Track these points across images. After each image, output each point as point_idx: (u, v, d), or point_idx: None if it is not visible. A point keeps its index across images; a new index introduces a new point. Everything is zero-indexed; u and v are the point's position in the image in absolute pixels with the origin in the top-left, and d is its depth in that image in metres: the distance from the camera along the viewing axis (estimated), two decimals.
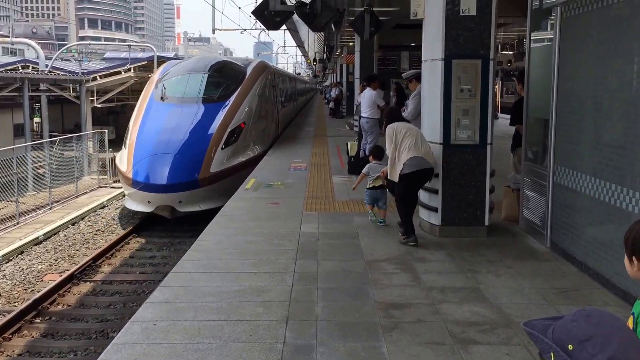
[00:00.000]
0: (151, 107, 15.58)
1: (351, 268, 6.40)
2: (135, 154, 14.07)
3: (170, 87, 16.05)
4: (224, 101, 15.47)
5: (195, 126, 14.51)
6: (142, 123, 14.99)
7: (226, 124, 14.75)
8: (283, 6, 8.19)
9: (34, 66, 33.74)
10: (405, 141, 7.09)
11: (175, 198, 13.61)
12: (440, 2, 7.09)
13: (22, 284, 11.48)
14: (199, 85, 16.06)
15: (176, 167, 13.54)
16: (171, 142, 13.91)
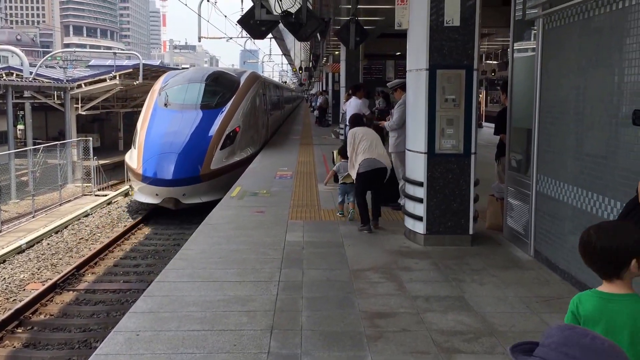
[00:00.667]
0: (156, 113, 17.27)
1: (336, 277, 6.40)
2: (144, 153, 15.85)
3: (172, 95, 17.76)
4: (221, 107, 17.26)
5: (196, 129, 16.25)
6: (149, 126, 16.75)
7: (224, 127, 16.61)
8: (268, 16, 8.21)
9: (18, 73, 33.52)
10: (361, 144, 8.26)
11: (180, 191, 15.35)
12: (424, 13, 7.14)
13: (3, 294, 11.37)
14: (197, 94, 17.88)
15: (181, 164, 15.32)
16: (175, 143, 15.68)
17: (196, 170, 15.47)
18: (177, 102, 17.44)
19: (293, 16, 8.22)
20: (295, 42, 34.61)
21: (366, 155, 8.17)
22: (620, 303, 2.30)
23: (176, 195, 15.38)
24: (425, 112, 7.22)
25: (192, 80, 18.89)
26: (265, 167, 15.29)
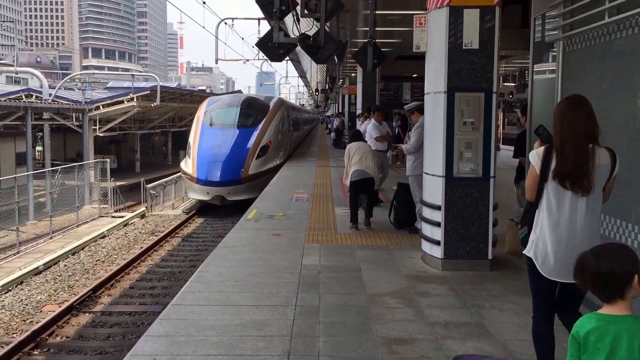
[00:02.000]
0: (204, 131, 21.68)
1: (353, 302, 6.32)
2: (197, 161, 20.21)
3: (215, 117, 22.34)
4: (255, 126, 21.76)
5: (236, 143, 20.69)
6: (200, 141, 21.11)
7: (258, 142, 21.11)
8: (286, 38, 8.21)
9: (37, 95, 33.92)
10: (354, 158, 9.94)
11: (225, 190, 19.69)
12: (442, 36, 7.12)
13: (21, 315, 11.38)
14: (235, 116, 22.35)
15: (226, 169, 19.72)
16: (221, 154, 20.22)
17: (238, 174, 19.85)
18: (220, 122, 21.92)
19: (311, 39, 8.21)
20: (311, 64, 34.81)
21: (357, 167, 9.89)
22: (622, 324, 2.44)
23: (222, 193, 19.71)
24: (444, 135, 7.16)
25: (230, 105, 23.25)
26: (282, 190, 15.26)
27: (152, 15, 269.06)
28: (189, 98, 44.64)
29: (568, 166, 3.83)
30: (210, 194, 19.82)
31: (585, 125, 3.86)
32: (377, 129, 12.56)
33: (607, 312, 2.50)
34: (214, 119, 22.16)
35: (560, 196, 3.91)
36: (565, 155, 3.84)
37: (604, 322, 2.47)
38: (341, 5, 8.35)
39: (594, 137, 3.86)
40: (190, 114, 48.29)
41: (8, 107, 27.56)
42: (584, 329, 2.50)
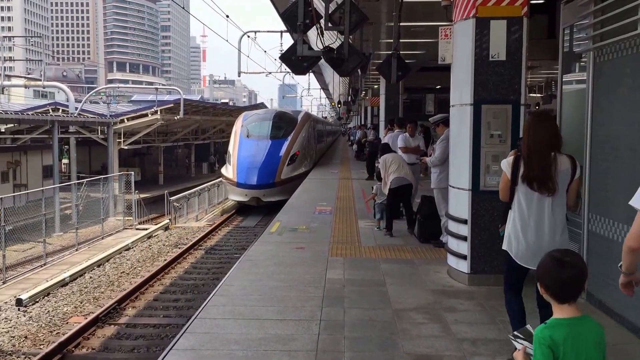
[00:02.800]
0: (242, 141, 24.55)
1: (379, 317, 6.24)
2: (237, 167, 23.20)
3: (251, 129, 25.20)
4: (285, 137, 24.70)
5: (269, 152, 23.58)
6: (239, 150, 24.04)
7: (288, 151, 24.08)
8: (310, 51, 8.19)
9: (64, 109, 34.34)
10: (391, 167, 10.38)
11: (261, 193, 22.71)
12: (469, 48, 7.05)
13: (47, 326, 11.45)
14: (268, 128, 25.14)
15: (262, 175, 22.72)
16: (257, 161, 23.18)
17: (272, 179, 22.83)
18: (255, 134, 24.81)
19: (335, 52, 8.18)
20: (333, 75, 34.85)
21: (396, 175, 10.30)
22: (583, 325, 2.67)
23: (258, 195, 22.73)
24: (470, 148, 7.07)
25: (263, 119, 26.27)
26: (305, 202, 15.21)
27: (175, 29, 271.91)
28: (212, 111, 44.90)
29: (535, 171, 4.51)
30: (248, 196, 22.99)
31: (549, 136, 4.54)
32: (403, 140, 12.34)
33: (564, 315, 2.70)
34: (250, 131, 25.11)
35: (529, 197, 4.61)
36: (532, 161, 4.52)
37: (570, 325, 2.65)
38: (365, 17, 8.31)
39: (556, 146, 4.56)
40: (213, 127, 48.64)
41: (36, 120, 27.93)
42: (558, 336, 2.61)
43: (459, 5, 7.27)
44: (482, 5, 6.97)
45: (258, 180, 22.65)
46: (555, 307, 2.72)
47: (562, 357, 2.59)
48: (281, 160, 23.51)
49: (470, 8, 7.03)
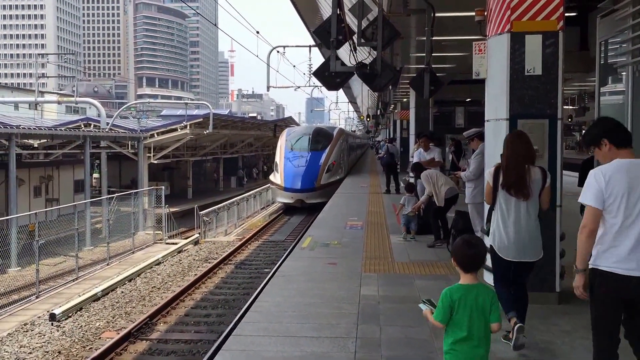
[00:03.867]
0: (287, 153, 29.03)
1: (416, 335, 6.17)
2: (284, 175, 27.72)
3: (294, 143, 29.60)
4: (323, 150, 29.10)
5: (310, 162, 28.10)
6: (284, 160, 28.56)
7: (326, 161, 28.48)
8: (343, 67, 8.19)
9: (95, 124, 34.78)
10: (439, 180, 10.81)
11: (304, 196, 27.13)
12: (504, 62, 6.98)
13: (80, 341, 11.53)
14: (308, 142, 29.54)
15: (304, 181, 27.24)
16: (300, 169, 27.63)
17: (313, 184, 27.32)
18: (298, 147, 29.26)
19: (368, 67, 8.17)
20: (362, 89, 34.87)
21: (448, 186, 10.73)
22: (478, 290, 3.85)
23: (302, 197, 27.15)
24: None
25: (304, 134, 30.77)
26: (335, 217, 15.16)
27: (204, 44, 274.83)
28: (240, 125, 45.15)
29: (512, 180, 5.46)
30: (293, 198, 27.38)
31: (524, 152, 5.50)
32: (417, 156, 12.60)
33: (466, 282, 3.89)
34: (293, 144, 29.49)
35: (508, 201, 5.54)
36: (510, 171, 5.49)
37: (467, 290, 3.85)
38: (398, 33, 8.31)
39: (530, 159, 5.54)
40: (241, 141, 48.90)
41: (69, 135, 28.32)
42: (456, 296, 3.82)
43: (493, 20, 7.21)
44: (517, 20, 6.91)
45: (302, 185, 27.21)
46: (461, 276, 3.92)
47: (456, 311, 3.80)
48: (320, 168, 27.91)
49: (505, 23, 6.97)
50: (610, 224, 3.99)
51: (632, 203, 3.93)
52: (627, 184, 3.94)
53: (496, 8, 7.08)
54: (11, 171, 22.62)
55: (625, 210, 3.93)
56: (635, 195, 3.93)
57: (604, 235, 4.03)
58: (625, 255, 3.93)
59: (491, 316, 3.81)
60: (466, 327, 3.79)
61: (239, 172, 55.20)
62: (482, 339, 3.83)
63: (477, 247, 3.90)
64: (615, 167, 4.01)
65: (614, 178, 3.97)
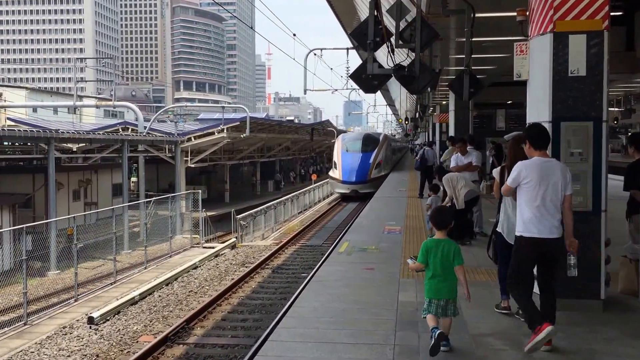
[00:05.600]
0: (343, 153, 35.46)
1: (455, 343, 6.00)
2: (342, 170, 34.11)
3: (348, 145, 36.18)
4: (372, 151, 35.23)
5: (362, 160, 34.31)
6: (342, 159, 34.87)
7: (374, 160, 34.69)
8: (381, 70, 8.07)
9: (133, 128, 35.16)
10: (459, 183, 11.00)
11: (359, 187, 33.14)
12: (546, 63, 6.79)
13: (118, 345, 11.60)
14: (360, 144, 35.97)
15: (358, 175, 33.51)
16: (355, 166, 33.86)
17: (365, 177, 33.66)
18: (352, 149, 35.78)
19: (406, 69, 8.04)
20: (400, 92, 34.66)
21: (467, 188, 10.97)
22: (445, 243, 5.69)
23: (356, 188, 33.37)
24: None
25: (356, 139, 37.46)
26: (373, 222, 15.00)
27: (241, 48, 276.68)
28: (277, 129, 45.23)
29: None
30: (349, 189, 33.83)
31: (523, 154, 6.09)
32: (455, 161, 12.47)
33: (438, 237, 5.81)
34: (348, 147, 36.08)
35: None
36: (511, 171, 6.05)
37: (438, 242, 5.73)
38: (437, 34, 8.16)
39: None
40: (278, 145, 49.02)
41: (106, 140, 28.69)
42: (430, 246, 5.73)
43: (535, 20, 7.02)
44: (560, 20, 6.71)
45: (356, 179, 33.61)
46: (436, 233, 5.86)
47: (429, 257, 5.68)
48: (370, 165, 34.30)
49: (548, 23, 6.79)
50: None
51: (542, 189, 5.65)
52: (538, 174, 5.67)
53: (538, 8, 6.89)
54: (50, 175, 22.96)
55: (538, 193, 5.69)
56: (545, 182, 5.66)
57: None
58: None
59: (454, 261, 5.64)
60: (434, 267, 5.67)
61: (276, 175, 55.36)
62: (447, 277, 5.66)
63: (445, 214, 6.14)
64: (535, 163, 5.76)
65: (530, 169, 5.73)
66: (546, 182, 5.62)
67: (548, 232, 5.62)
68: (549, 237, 5.62)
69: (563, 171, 5.71)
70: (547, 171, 5.65)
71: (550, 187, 5.62)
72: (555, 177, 5.65)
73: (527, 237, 5.70)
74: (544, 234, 5.63)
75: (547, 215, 5.62)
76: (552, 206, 5.64)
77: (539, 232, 5.64)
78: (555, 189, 5.64)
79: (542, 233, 5.64)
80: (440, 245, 5.65)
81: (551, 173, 5.65)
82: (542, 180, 5.63)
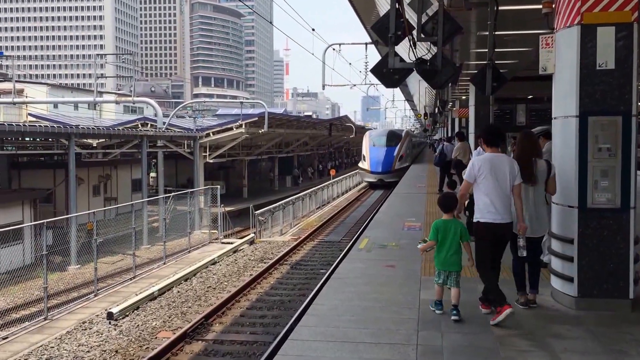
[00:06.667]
0: (371, 147, 39.88)
1: (479, 342, 5.88)
2: (370, 162, 38.67)
3: (375, 141, 40.77)
4: (395, 146, 39.50)
5: (387, 153, 38.61)
6: (370, 152, 39.24)
7: (398, 153, 38.80)
8: (402, 64, 7.91)
9: (152, 123, 35.22)
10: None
11: (384, 176, 37.60)
12: (573, 56, 6.61)
13: (137, 341, 11.58)
14: (385, 139, 40.61)
15: (384, 165, 38.13)
16: (381, 158, 38.46)
17: (390, 168, 37.97)
18: (378, 143, 40.37)
19: (428, 63, 7.88)
20: (419, 86, 34.37)
21: None
22: (452, 222, 6.60)
23: (382, 177, 37.84)
24: (576, 163, 6.61)
25: (382, 135, 42.40)
26: (392, 218, 14.83)
27: (259, 43, 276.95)
28: (295, 124, 45.11)
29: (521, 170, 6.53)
30: (376, 178, 38.66)
31: (531, 148, 6.85)
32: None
33: (445, 218, 6.64)
34: (374, 142, 40.78)
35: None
36: (520, 164, 6.59)
37: (446, 222, 6.60)
38: (460, 28, 7.98)
39: (536, 154, 6.87)
40: (297, 140, 48.93)
41: (126, 135, 28.75)
42: (440, 224, 6.61)
43: (562, 12, 6.84)
44: (588, 12, 6.53)
45: (382, 169, 38.31)
46: (443, 214, 6.68)
47: (440, 235, 6.57)
48: (394, 158, 38.76)
49: (575, 15, 6.61)
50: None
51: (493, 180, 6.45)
52: (489, 168, 6.46)
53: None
54: (71, 170, 23.02)
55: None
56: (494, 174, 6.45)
57: None
58: None
59: (462, 238, 6.61)
60: (444, 244, 6.61)
61: (294, 171, 55.26)
62: (455, 252, 6.60)
63: (450, 199, 6.82)
64: (487, 158, 6.60)
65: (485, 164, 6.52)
66: (496, 174, 6.43)
67: (500, 217, 6.42)
68: (502, 222, 6.43)
69: (511, 164, 6.50)
70: (497, 165, 6.47)
71: (500, 179, 6.42)
72: (504, 170, 6.44)
73: (483, 222, 6.51)
74: (497, 220, 6.43)
75: (499, 203, 6.41)
76: (503, 195, 6.44)
77: (493, 218, 6.44)
78: (504, 180, 6.43)
79: (495, 219, 6.43)
80: (450, 225, 6.60)
81: (500, 166, 6.46)
82: (492, 172, 6.44)
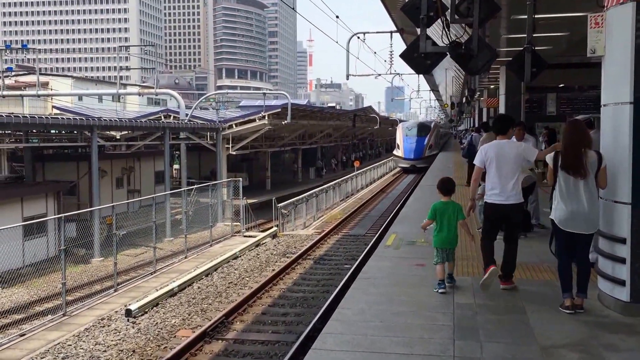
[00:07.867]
0: (404, 137, 45.63)
1: (524, 354, 5.30)
2: (404, 149, 45.28)
3: (407, 131, 46.90)
4: (425, 136, 45.42)
5: (418, 142, 44.95)
6: (403, 141, 45.58)
7: (428, 142, 45.09)
8: (435, 47, 7.30)
9: (175, 115, 34.90)
10: None
11: (416, 162, 43.96)
12: (627, 36, 5.96)
13: (155, 340, 11.17)
14: (416, 130, 46.70)
15: (416, 152, 44.57)
16: (413, 146, 44.87)
17: (421, 155, 43.70)
18: (410, 134, 45.77)
19: (463, 47, 7.25)
20: (446, 75, 33.56)
21: (524, 175, 11.09)
22: (450, 204, 7.41)
23: (414, 163, 43.73)
24: (630, 155, 5.98)
25: (412, 126, 48.52)
26: (420, 212, 14.13)
27: (282, 35, 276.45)
28: (319, 115, 44.56)
29: (569, 161, 6.20)
30: (409, 163, 44.20)
31: (579, 138, 6.27)
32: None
33: (443, 200, 7.44)
34: (407, 132, 46.28)
35: (566, 180, 6.25)
36: (568, 154, 6.24)
37: (445, 203, 7.41)
38: (498, 7, 7.34)
39: (586, 144, 6.24)
40: (320, 131, 48.37)
41: (148, 127, 28.43)
42: (439, 206, 7.38)
43: None
44: None
45: (414, 156, 43.74)
46: (441, 197, 7.45)
47: (437, 215, 7.33)
48: (425, 146, 44.00)
49: None
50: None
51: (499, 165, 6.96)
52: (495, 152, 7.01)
53: None
54: (94, 162, 22.80)
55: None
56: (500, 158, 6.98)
57: None
58: None
59: (458, 217, 7.30)
60: (442, 224, 7.30)
61: (317, 162, 54.70)
62: (451, 230, 7.30)
63: (449, 183, 7.52)
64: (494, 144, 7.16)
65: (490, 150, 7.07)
66: (501, 158, 6.97)
67: (504, 199, 6.99)
68: (505, 203, 7.00)
69: (518, 149, 7.17)
70: (503, 150, 7.03)
71: (504, 162, 6.96)
72: (510, 154, 7.00)
73: (489, 202, 7.15)
74: (501, 201, 7.03)
75: (503, 185, 6.96)
76: (508, 178, 6.98)
77: (497, 199, 7.05)
78: (508, 164, 6.97)
79: (499, 200, 7.04)
80: (448, 206, 7.34)
81: (506, 151, 7.02)
82: (497, 157, 6.99)
